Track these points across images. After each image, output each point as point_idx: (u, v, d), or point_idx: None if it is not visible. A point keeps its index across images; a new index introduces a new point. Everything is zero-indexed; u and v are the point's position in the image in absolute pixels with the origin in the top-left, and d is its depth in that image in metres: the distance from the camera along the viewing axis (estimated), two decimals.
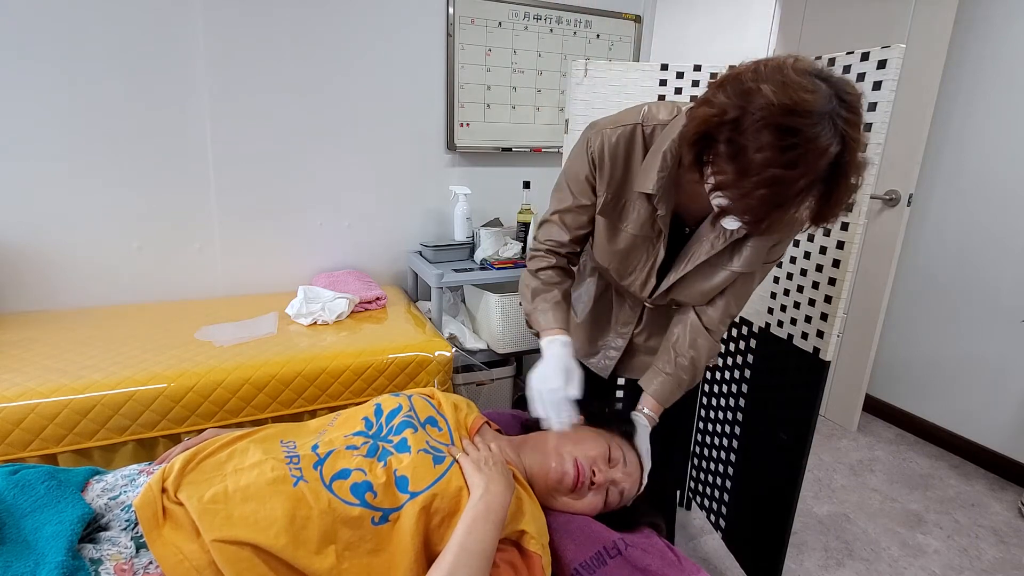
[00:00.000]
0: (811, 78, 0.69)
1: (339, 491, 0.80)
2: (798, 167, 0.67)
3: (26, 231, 1.80)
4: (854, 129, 0.69)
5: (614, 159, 0.97)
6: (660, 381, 1.11)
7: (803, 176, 0.68)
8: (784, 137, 0.67)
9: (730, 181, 0.73)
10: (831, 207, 0.75)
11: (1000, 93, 2.13)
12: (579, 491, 0.96)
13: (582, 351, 1.28)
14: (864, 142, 0.72)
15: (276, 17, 1.93)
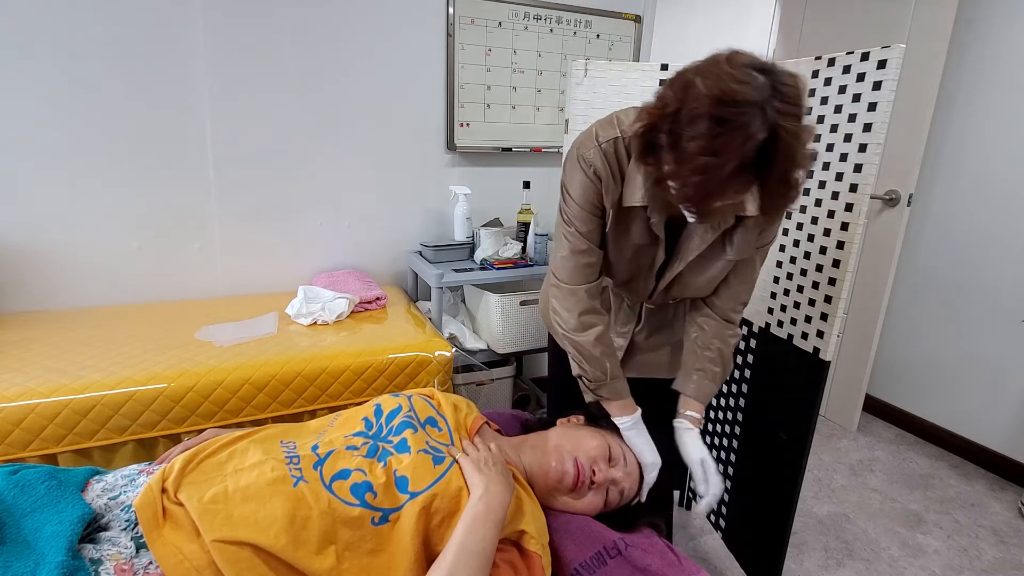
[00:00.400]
0: (747, 70, 0.71)
1: (339, 491, 0.80)
2: (723, 154, 0.70)
3: (26, 231, 1.80)
4: (787, 118, 0.70)
5: (612, 174, 0.98)
6: (696, 380, 1.12)
7: (728, 162, 0.70)
8: (713, 126, 0.70)
9: (671, 171, 0.77)
10: (772, 197, 0.77)
11: (1000, 93, 2.13)
12: (579, 490, 0.96)
13: None
14: (804, 133, 0.73)
15: (276, 17, 1.93)
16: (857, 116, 1.17)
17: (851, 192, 1.20)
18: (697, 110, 0.71)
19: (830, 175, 1.25)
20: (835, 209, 1.24)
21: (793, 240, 1.37)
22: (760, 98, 0.69)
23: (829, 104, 1.25)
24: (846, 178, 1.21)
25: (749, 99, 0.69)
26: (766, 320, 1.47)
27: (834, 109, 1.23)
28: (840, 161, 1.22)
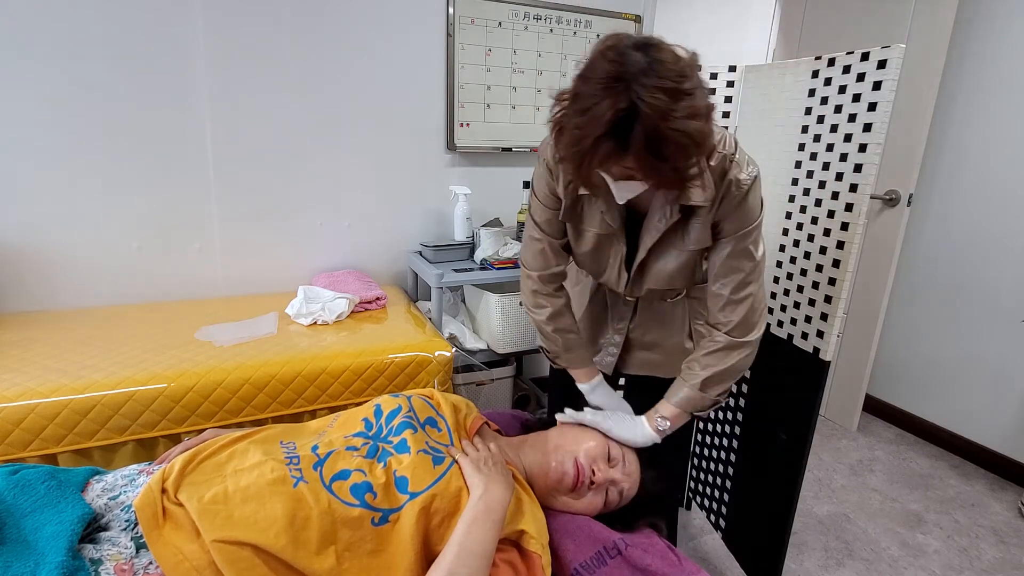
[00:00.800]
0: (620, 49, 0.76)
1: (339, 492, 0.80)
2: (584, 127, 0.76)
3: (26, 231, 1.80)
4: (654, 92, 0.73)
5: None
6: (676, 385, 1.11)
7: (589, 132, 0.76)
8: (580, 100, 0.77)
9: (556, 144, 0.84)
10: (659, 174, 0.80)
11: (1000, 93, 2.13)
12: (579, 491, 0.96)
13: None
14: (677, 109, 0.74)
15: (276, 17, 1.93)
16: (857, 116, 1.17)
17: (851, 192, 1.20)
18: (580, 92, 0.78)
19: (830, 175, 1.25)
20: (835, 209, 1.24)
21: (793, 240, 1.37)
22: (625, 73, 0.73)
23: (829, 104, 1.25)
24: (846, 178, 1.21)
25: (611, 74, 0.74)
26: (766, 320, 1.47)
27: (834, 109, 1.23)
28: (840, 161, 1.22)
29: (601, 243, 1.08)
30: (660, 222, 1.00)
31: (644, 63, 0.74)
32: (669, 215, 0.98)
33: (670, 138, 0.75)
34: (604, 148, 0.77)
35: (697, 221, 0.99)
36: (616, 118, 0.74)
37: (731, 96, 1.54)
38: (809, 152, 1.31)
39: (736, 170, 0.95)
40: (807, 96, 1.31)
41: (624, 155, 0.77)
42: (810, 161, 1.31)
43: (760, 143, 1.48)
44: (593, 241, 1.08)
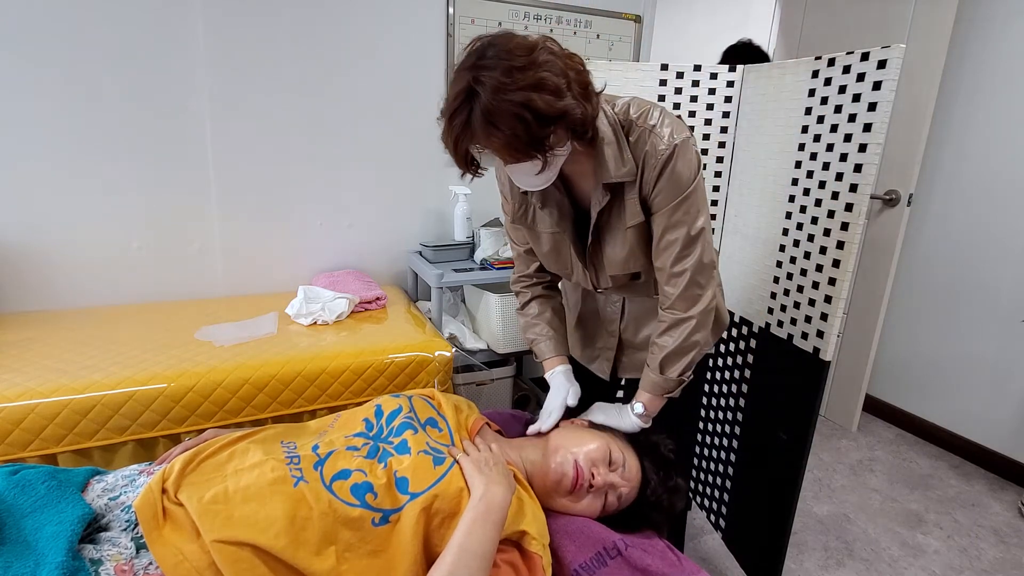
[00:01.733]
0: (474, 47, 0.85)
1: (339, 492, 0.80)
2: (443, 112, 0.86)
3: (26, 231, 1.80)
4: (487, 72, 0.81)
5: None
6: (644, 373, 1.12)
7: (444, 114, 0.86)
8: (448, 89, 0.87)
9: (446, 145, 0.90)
10: (496, 143, 0.84)
11: (1000, 93, 2.13)
12: (577, 493, 0.96)
13: (582, 356, 1.32)
14: (512, 82, 0.81)
15: (276, 17, 1.93)
16: (857, 116, 1.17)
17: (851, 192, 1.20)
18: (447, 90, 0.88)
19: (830, 175, 1.25)
20: (835, 209, 1.24)
21: (793, 240, 1.37)
22: (470, 63, 0.83)
23: (829, 104, 1.25)
24: (846, 178, 1.21)
25: (463, 64, 0.84)
26: (766, 320, 1.47)
27: (834, 109, 1.23)
28: (840, 161, 1.22)
29: (557, 242, 1.12)
30: (596, 205, 1.03)
31: (485, 50, 0.84)
32: (601, 198, 1.01)
33: (504, 109, 0.81)
34: (456, 124, 0.84)
35: (628, 197, 1.02)
36: (462, 97, 0.83)
37: (731, 96, 1.54)
38: (809, 152, 1.31)
39: (654, 140, 0.96)
40: (807, 96, 1.31)
41: (472, 131, 0.84)
42: (810, 161, 1.31)
43: (760, 143, 1.48)
44: (549, 242, 1.12)
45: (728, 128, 1.57)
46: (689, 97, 1.54)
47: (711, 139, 1.57)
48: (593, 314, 1.28)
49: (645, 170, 0.98)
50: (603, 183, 0.99)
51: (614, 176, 0.98)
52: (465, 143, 0.87)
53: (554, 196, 1.06)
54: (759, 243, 1.49)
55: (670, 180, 0.97)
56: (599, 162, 0.98)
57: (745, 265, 1.55)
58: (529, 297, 1.27)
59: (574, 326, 1.32)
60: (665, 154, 0.95)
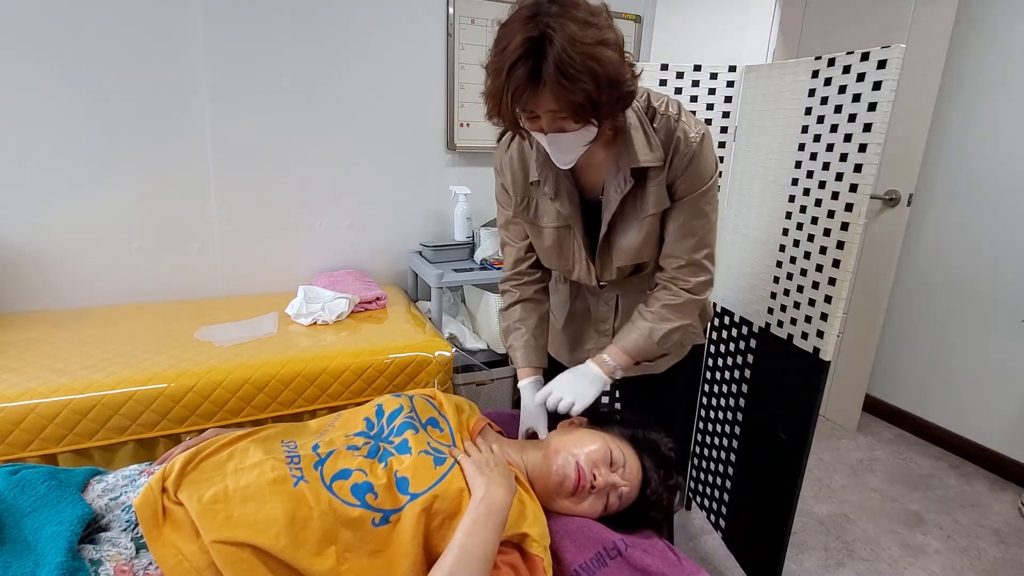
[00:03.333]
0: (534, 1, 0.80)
1: (340, 492, 0.79)
2: (499, 61, 0.81)
3: (26, 231, 1.80)
4: (560, 20, 0.77)
5: (512, 164, 1.08)
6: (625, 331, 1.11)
7: (503, 64, 0.80)
8: (498, 46, 0.82)
9: (495, 103, 0.85)
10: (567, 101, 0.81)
11: (1000, 93, 2.13)
12: (580, 494, 0.96)
13: (570, 359, 1.29)
14: (587, 36, 0.78)
15: (276, 17, 1.93)
16: (857, 116, 1.17)
17: (851, 192, 1.20)
18: (498, 38, 0.82)
19: (830, 175, 1.25)
20: (835, 209, 1.24)
21: (793, 240, 1.37)
22: (537, 11, 0.78)
23: (829, 104, 1.25)
24: (846, 178, 1.21)
25: (520, 16, 0.80)
26: (766, 320, 1.47)
27: (834, 109, 1.23)
28: (840, 161, 1.22)
29: (560, 236, 1.10)
30: (616, 192, 1.01)
31: (542, 3, 0.80)
32: (623, 184, 1.00)
33: (580, 63, 0.78)
34: (518, 76, 0.79)
35: (652, 185, 1.01)
36: (527, 46, 0.77)
37: (731, 96, 1.54)
38: (809, 152, 1.31)
39: (683, 128, 0.98)
40: (807, 96, 1.31)
41: (538, 84, 0.79)
42: (810, 161, 1.31)
43: (760, 143, 1.48)
44: (552, 236, 1.10)
45: (728, 128, 1.57)
46: (689, 97, 1.54)
47: None
48: (583, 315, 1.25)
49: (675, 157, 0.99)
50: (630, 168, 0.98)
51: (643, 161, 0.97)
52: (525, 99, 0.82)
53: (565, 186, 1.04)
54: (759, 243, 1.49)
55: (695, 169, 0.99)
56: (625, 147, 0.98)
57: (745, 265, 1.55)
58: (517, 298, 1.21)
59: (561, 329, 1.29)
60: (695, 142, 0.98)
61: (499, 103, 0.84)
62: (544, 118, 0.85)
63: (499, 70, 0.81)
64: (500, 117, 0.86)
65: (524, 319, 1.19)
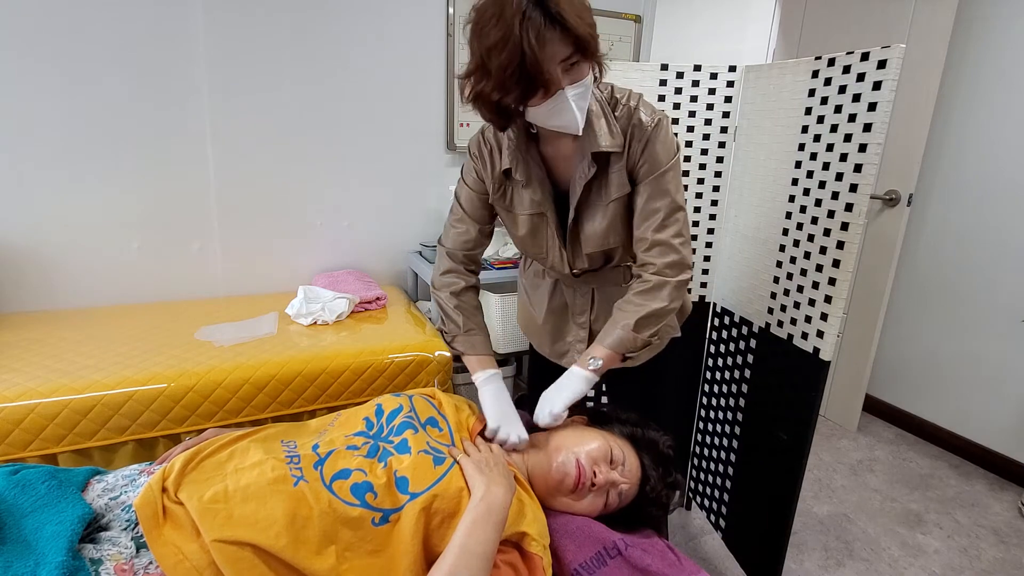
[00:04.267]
0: None
1: (339, 491, 0.80)
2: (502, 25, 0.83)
3: (26, 231, 1.80)
4: None
5: (491, 151, 1.11)
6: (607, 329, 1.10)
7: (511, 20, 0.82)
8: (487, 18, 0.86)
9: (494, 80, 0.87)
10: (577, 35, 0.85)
11: (1000, 93, 2.13)
12: (580, 492, 0.96)
13: (552, 352, 1.32)
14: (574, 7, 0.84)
15: (276, 17, 1.93)
16: (857, 116, 1.17)
17: (851, 192, 1.20)
18: (480, 25, 0.88)
19: (830, 175, 1.25)
20: (835, 209, 1.24)
21: (793, 240, 1.37)
22: None
23: (829, 104, 1.25)
24: (846, 178, 1.21)
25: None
26: (766, 320, 1.47)
27: (834, 109, 1.23)
28: (840, 161, 1.22)
29: (535, 224, 1.12)
30: (580, 178, 1.05)
31: None
32: (587, 170, 1.04)
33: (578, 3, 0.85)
34: (533, 25, 0.82)
35: (613, 170, 1.06)
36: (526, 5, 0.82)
37: (731, 96, 1.54)
38: (809, 152, 1.31)
39: (639, 115, 1.04)
40: (807, 96, 1.31)
41: (554, 26, 0.83)
42: (810, 161, 1.31)
43: (760, 143, 1.48)
44: (527, 224, 1.13)
45: (728, 128, 1.57)
46: (689, 97, 1.54)
47: (711, 139, 1.57)
48: (562, 308, 1.28)
49: (632, 142, 1.04)
50: (591, 153, 1.02)
51: (604, 146, 1.02)
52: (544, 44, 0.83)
53: (537, 174, 1.09)
54: (759, 243, 1.49)
55: (654, 152, 1.04)
56: (588, 134, 1.02)
57: (745, 265, 1.56)
58: (473, 283, 1.22)
59: (542, 323, 1.30)
60: (650, 127, 1.03)
61: (519, 63, 0.84)
62: (559, 70, 0.88)
63: (508, 33, 0.82)
64: (518, 83, 0.86)
65: (478, 308, 1.22)
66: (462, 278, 1.20)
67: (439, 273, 1.22)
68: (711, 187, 1.61)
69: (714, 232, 1.65)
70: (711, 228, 1.64)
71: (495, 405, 1.06)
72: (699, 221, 1.63)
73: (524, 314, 1.38)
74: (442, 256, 1.22)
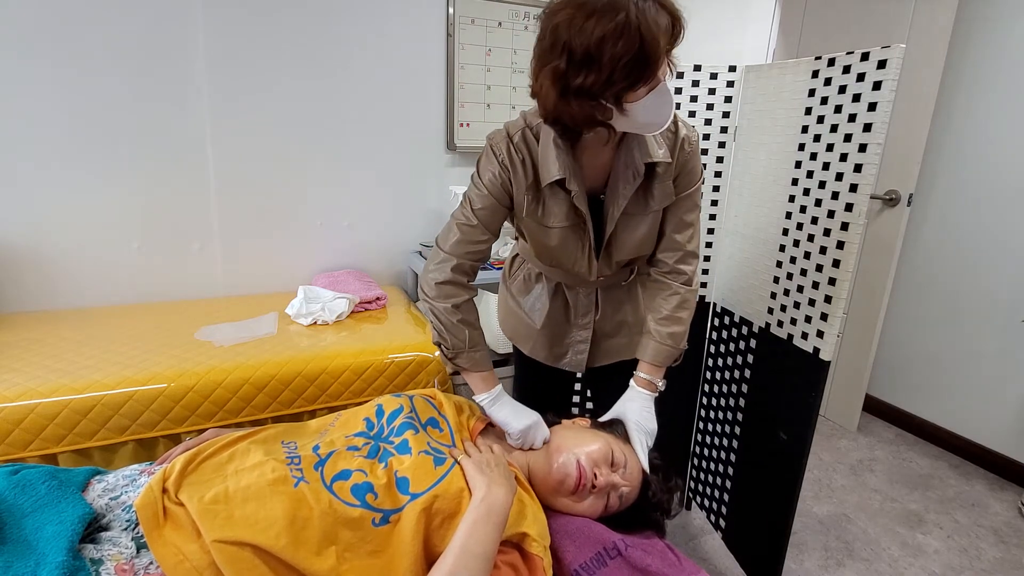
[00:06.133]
0: None
1: (340, 492, 0.80)
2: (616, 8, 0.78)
3: (26, 231, 1.80)
4: None
5: (523, 160, 1.04)
6: (645, 344, 1.16)
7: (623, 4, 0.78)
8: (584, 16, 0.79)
9: (600, 72, 0.81)
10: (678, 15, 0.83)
11: (1000, 93, 2.13)
12: (580, 494, 0.96)
13: (549, 356, 1.29)
14: None
15: (276, 18, 1.93)
16: (857, 116, 1.17)
17: (851, 192, 1.20)
18: (573, 19, 0.80)
19: (830, 175, 1.25)
20: (835, 209, 1.24)
21: (793, 240, 1.37)
22: None
23: (829, 104, 1.25)
24: (846, 178, 1.21)
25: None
26: (766, 320, 1.47)
27: (834, 109, 1.23)
28: (840, 161, 1.22)
29: (567, 235, 1.09)
30: (626, 188, 1.04)
31: None
32: (633, 178, 1.02)
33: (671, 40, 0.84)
34: (649, 6, 0.79)
35: (659, 180, 1.06)
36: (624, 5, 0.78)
37: (731, 96, 1.54)
38: (809, 152, 1.31)
39: (684, 128, 1.06)
40: (807, 96, 1.31)
41: (662, 8, 0.81)
42: (810, 161, 1.31)
43: (760, 143, 1.48)
44: (560, 236, 1.08)
45: (728, 128, 1.57)
46: (689, 97, 1.54)
47: (711, 139, 1.57)
48: (562, 311, 1.25)
49: (681, 155, 1.06)
50: (644, 163, 1.02)
51: (655, 157, 1.01)
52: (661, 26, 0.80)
53: (581, 185, 1.03)
54: (759, 243, 1.49)
55: (695, 167, 1.09)
56: (635, 144, 1.01)
57: (745, 265, 1.56)
58: (469, 297, 1.12)
59: (540, 329, 1.26)
60: (695, 142, 1.07)
61: (637, 48, 0.79)
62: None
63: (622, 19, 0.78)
64: (631, 72, 0.81)
65: (478, 320, 1.13)
66: (464, 290, 1.11)
67: (437, 282, 1.09)
68: (711, 187, 1.61)
69: (714, 232, 1.65)
70: (711, 228, 1.64)
71: (515, 419, 1.05)
72: None
73: (512, 320, 1.32)
74: (444, 264, 1.09)
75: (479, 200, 1.07)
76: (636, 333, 1.24)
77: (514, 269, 1.30)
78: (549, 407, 1.17)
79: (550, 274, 1.22)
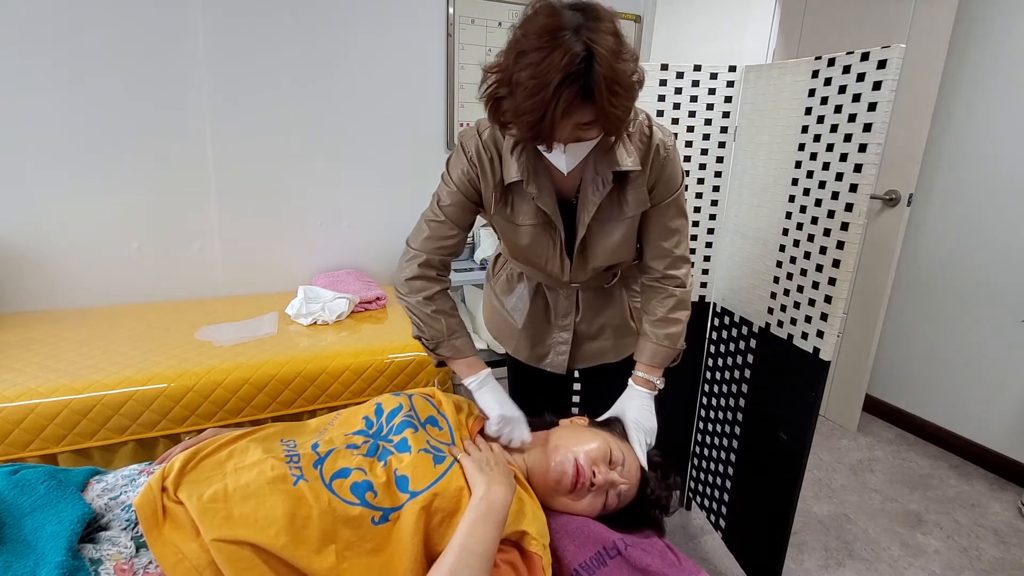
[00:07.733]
0: (557, 9, 0.80)
1: (339, 490, 0.80)
2: (547, 72, 0.77)
3: (26, 231, 1.80)
4: (601, 35, 0.78)
5: (491, 159, 1.05)
6: (642, 345, 1.17)
7: (553, 78, 0.77)
8: (538, 54, 0.78)
9: (510, 107, 0.83)
10: (606, 115, 0.81)
11: (1000, 93, 2.13)
12: (578, 492, 0.96)
13: (531, 356, 1.29)
14: (622, 50, 0.80)
15: (276, 18, 1.93)
16: (857, 116, 1.17)
17: (851, 192, 1.20)
18: (524, 49, 0.80)
19: (830, 175, 1.25)
20: (835, 209, 1.24)
21: (793, 240, 1.37)
22: (574, 24, 0.78)
23: (829, 104, 1.25)
24: (846, 178, 1.21)
25: (565, 25, 0.77)
26: (766, 320, 1.47)
27: (834, 109, 1.23)
28: (840, 161, 1.22)
29: (538, 234, 1.09)
30: (595, 195, 1.03)
31: (581, 14, 0.79)
32: (602, 185, 1.01)
33: (623, 79, 0.79)
34: (567, 95, 0.78)
35: (631, 188, 1.04)
36: (575, 63, 0.76)
37: (731, 96, 1.54)
38: (809, 152, 1.31)
39: (657, 135, 1.03)
40: (807, 96, 1.31)
41: (586, 102, 0.79)
42: (810, 161, 1.31)
43: (760, 143, 1.48)
44: (530, 234, 1.08)
45: (728, 128, 1.57)
46: (689, 97, 1.54)
47: (711, 139, 1.57)
48: (542, 312, 1.25)
49: (655, 162, 1.04)
50: (612, 171, 1.00)
51: (625, 165, 1.00)
52: (569, 115, 0.80)
53: (546, 186, 1.04)
54: (759, 243, 1.49)
55: (674, 173, 1.06)
56: (606, 152, 0.99)
57: (745, 265, 1.55)
58: (446, 287, 1.15)
59: (521, 328, 1.27)
60: (671, 148, 1.05)
61: (541, 119, 0.80)
62: (571, 130, 0.85)
63: (541, 87, 0.77)
64: (537, 134, 0.83)
65: (454, 308, 1.15)
66: (434, 282, 1.13)
67: (406, 278, 1.12)
68: (711, 187, 1.61)
69: (714, 232, 1.64)
70: (711, 228, 1.64)
71: (497, 405, 1.06)
72: (699, 221, 1.63)
73: (496, 320, 1.33)
74: (412, 260, 1.13)
75: (448, 197, 1.10)
76: (619, 336, 1.24)
77: (497, 268, 1.30)
78: (543, 408, 1.17)
79: (530, 274, 1.22)
